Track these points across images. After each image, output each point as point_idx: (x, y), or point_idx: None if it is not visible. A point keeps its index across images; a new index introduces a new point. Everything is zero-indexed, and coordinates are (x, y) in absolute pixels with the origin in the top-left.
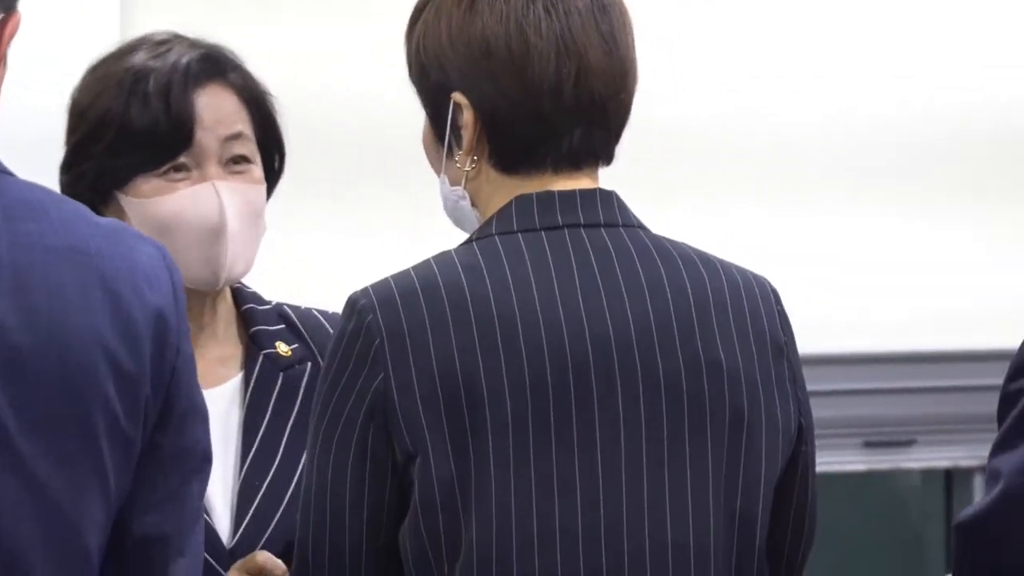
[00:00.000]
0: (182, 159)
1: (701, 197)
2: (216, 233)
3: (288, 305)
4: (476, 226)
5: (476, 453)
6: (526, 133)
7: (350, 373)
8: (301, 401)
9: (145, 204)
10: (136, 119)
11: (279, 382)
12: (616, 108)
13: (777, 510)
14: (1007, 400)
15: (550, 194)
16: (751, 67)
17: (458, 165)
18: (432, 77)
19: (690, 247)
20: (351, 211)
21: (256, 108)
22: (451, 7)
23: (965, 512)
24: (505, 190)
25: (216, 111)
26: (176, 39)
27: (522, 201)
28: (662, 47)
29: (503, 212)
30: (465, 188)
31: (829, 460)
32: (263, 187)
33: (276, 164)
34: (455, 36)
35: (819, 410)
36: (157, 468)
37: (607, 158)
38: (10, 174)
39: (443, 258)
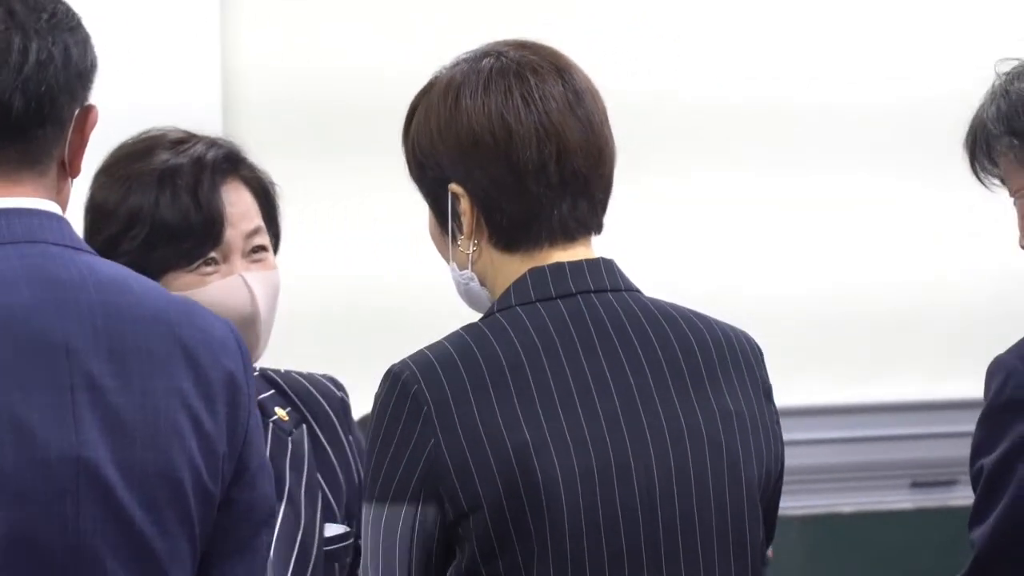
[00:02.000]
0: (212, 254)
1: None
2: (250, 321)
3: (270, 369)
4: (487, 303)
5: (531, 505)
6: (518, 212)
7: (399, 442)
8: (308, 464)
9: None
10: (168, 215)
11: (289, 448)
12: (598, 181)
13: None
14: (974, 479)
15: (560, 265)
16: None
17: (461, 249)
18: (429, 172)
19: (680, 306)
20: None
21: (265, 199)
22: (438, 105)
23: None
24: (508, 266)
25: (238, 207)
26: (191, 136)
27: (536, 273)
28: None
29: (519, 285)
30: (472, 270)
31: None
32: (278, 271)
33: (275, 246)
34: (445, 131)
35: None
36: (231, 520)
37: (597, 228)
38: (93, 253)
39: (472, 329)
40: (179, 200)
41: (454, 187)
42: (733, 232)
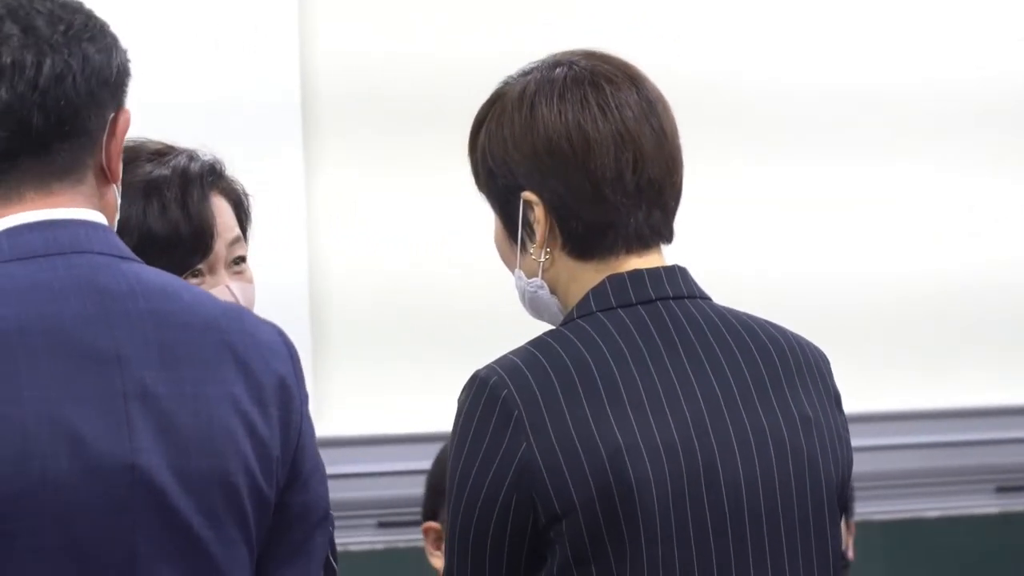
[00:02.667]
0: (199, 265)
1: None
2: None
3: None
4: (556, 312)
5: (624, 509)
6: (594, 220)
7: (489, 447)
8: None
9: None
10: (156, 226)
11: None
12: (671, 189)
13: None
14: None
15: (639, 272)
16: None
17: (533, 257)
18: (500, 181)
19: (751, 314)
20: None
21: (242, 209)
22: (512, 113)
23: None
24: (583, 274)
25: (222, 218)
26: (170, 148)
27: (615, 280)
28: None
29: (599, 291)
30: (543, 278)
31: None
32: (254, 283)
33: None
34: (520, 139)
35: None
36: (285, 524)
37: (668, 236)
38: (139, 262)
39: (557, 335)
40: (168, 211)
41: (528, 195)
42: (760, 230)
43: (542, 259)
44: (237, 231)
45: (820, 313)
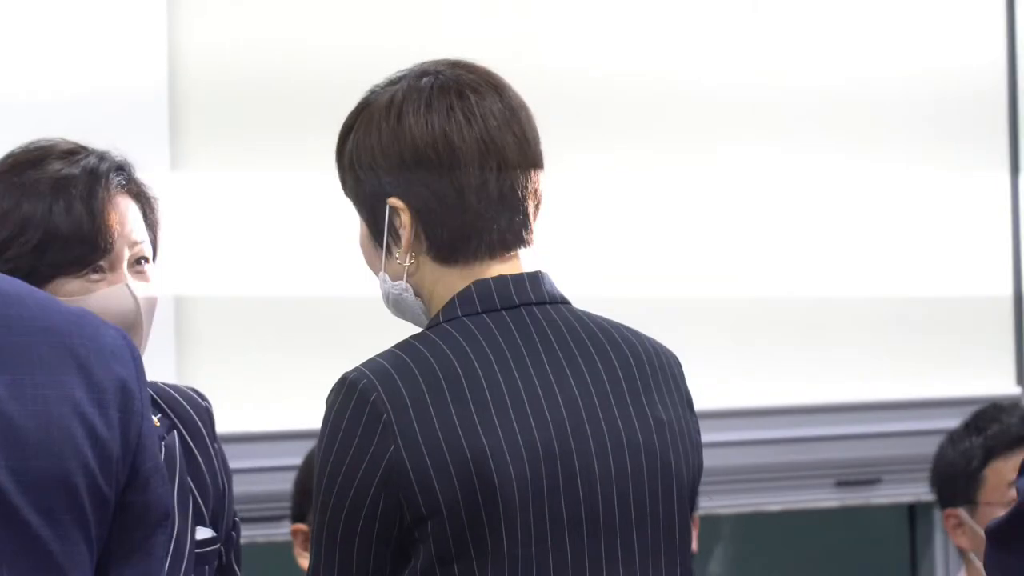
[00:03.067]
0: (100, 263)
1: None
2: (133, 330)
3: None
4: (419, 314)
5: (487, 510)
6: (459, 226)
7: (357, 448)
8: (179, 470)
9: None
10: (61, 224)
11: (162, 453)
12: (532, 196)
13: None
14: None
15: (504, 278)
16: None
17: (399, 262)
18: (367, 187)
19: (608, 319)
20: None
21: (148, 211)
22: (380, 121)
23: (991, 521)
24: (447, 278)
25: (125, 219)
26: (82, 148)
27: (480, 285)
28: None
29: (464, 296)
30: (407, 282)
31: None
32: (156, 285)
33: (154, 257)
34: (387, 147)
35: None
36: (126, 523)
37: (529, 240)
38: None
39: (424, 338)
40: (73, 209)
41: (394, 201)
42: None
43: (407, 263)
44: (142, 234)
45: (667, 310)
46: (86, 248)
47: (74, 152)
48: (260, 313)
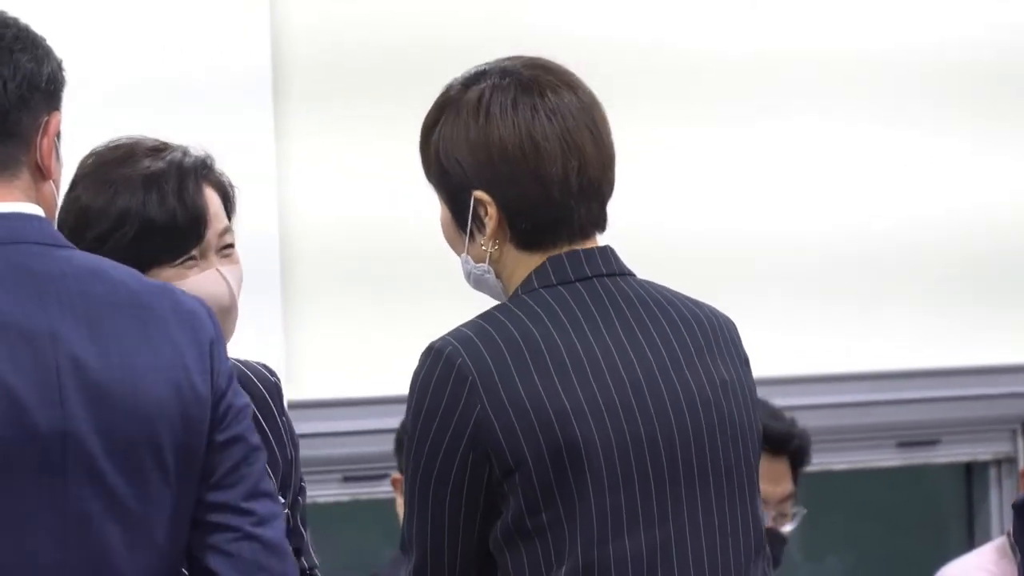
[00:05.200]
0: (193, 251)
1: None
2: (227, 311)
3: None
4: (499, 292)
5: (571, 463)
6: (543, 218)
7: (446, 410)
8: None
9: None
10: (156, 216)
11: None
12: (607, 186)
13: None
14: None
15: (576, 252)
16: None
17: (483, 247)
18: (454, 179)
19: (669, 288)
20: None
21: (229, 201)
22: (468, 119)
23: (1018, 496)
24: (528, 261)
25: (213, 208)
26: (165, 144)
27: (554, 260)
28: None
29: (540, 271)
30: (489, 264)
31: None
32: (241, 265)
33: None
34: (475, 144)
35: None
36: (218, 459)
37: (604, 225)
38: (72, 247)
39: (503, 309)
40: (166, 202)
41: (480, 194)
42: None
43: (491, 249)
44: (227, 221)
45: (736, 284)
46: (180, 237)
47: (159, 149)
48: (361, 284)
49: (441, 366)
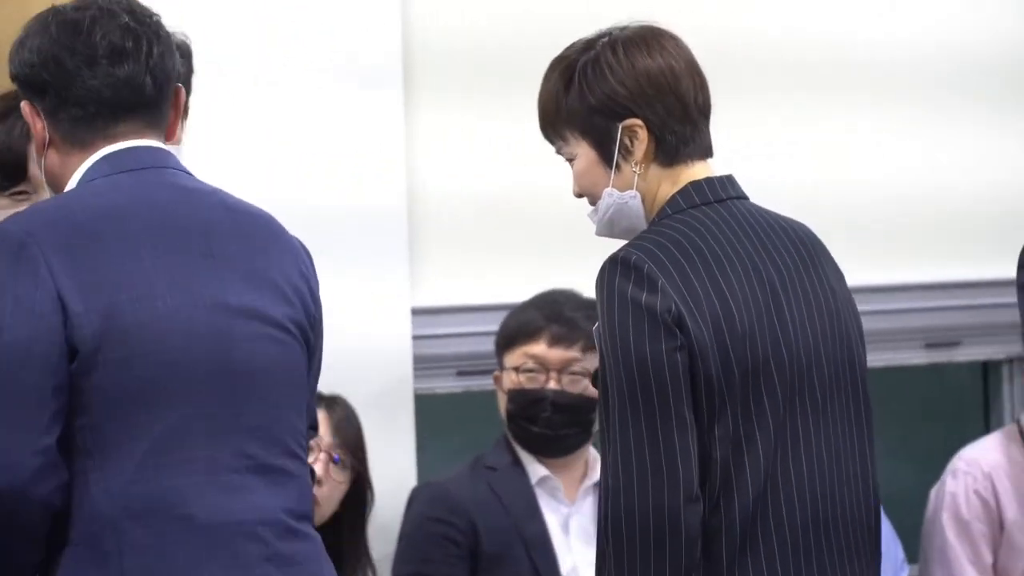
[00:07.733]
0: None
1: None
2: None
3: None
4: (634, 220)
5: (736, 355)
6: (683, 132)
7: (647, 305)
8: None
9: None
10: None
11: None
12: (710, 111)
13: None
14: (1021, 288)
15: (711, 179)
16: None
17: (634, 170)
18: (598, 118)
19: (770, 210)
20: None
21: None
22: (610, 60)
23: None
24: (669, 177)
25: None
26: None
27: (695, 185)
28: None
29: (684, 193)
30: (636, 188)
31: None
32: None
33: None
34: (625, 78)
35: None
36: (312, 352)
37: (712, 149)
38: (190, 173)
39: (665, 224)
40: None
41: (630, 122)
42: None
43: (639, 171)
44: None
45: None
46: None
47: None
48: (476, 215)
49: (633, 272)
